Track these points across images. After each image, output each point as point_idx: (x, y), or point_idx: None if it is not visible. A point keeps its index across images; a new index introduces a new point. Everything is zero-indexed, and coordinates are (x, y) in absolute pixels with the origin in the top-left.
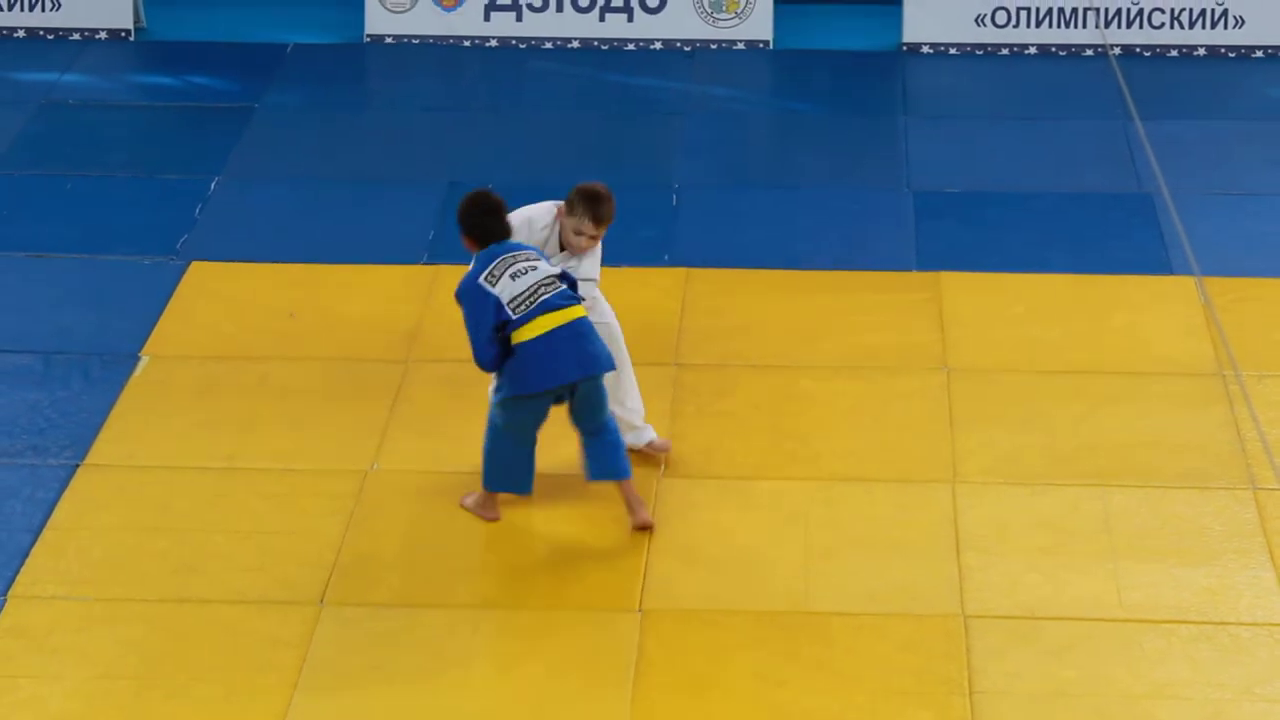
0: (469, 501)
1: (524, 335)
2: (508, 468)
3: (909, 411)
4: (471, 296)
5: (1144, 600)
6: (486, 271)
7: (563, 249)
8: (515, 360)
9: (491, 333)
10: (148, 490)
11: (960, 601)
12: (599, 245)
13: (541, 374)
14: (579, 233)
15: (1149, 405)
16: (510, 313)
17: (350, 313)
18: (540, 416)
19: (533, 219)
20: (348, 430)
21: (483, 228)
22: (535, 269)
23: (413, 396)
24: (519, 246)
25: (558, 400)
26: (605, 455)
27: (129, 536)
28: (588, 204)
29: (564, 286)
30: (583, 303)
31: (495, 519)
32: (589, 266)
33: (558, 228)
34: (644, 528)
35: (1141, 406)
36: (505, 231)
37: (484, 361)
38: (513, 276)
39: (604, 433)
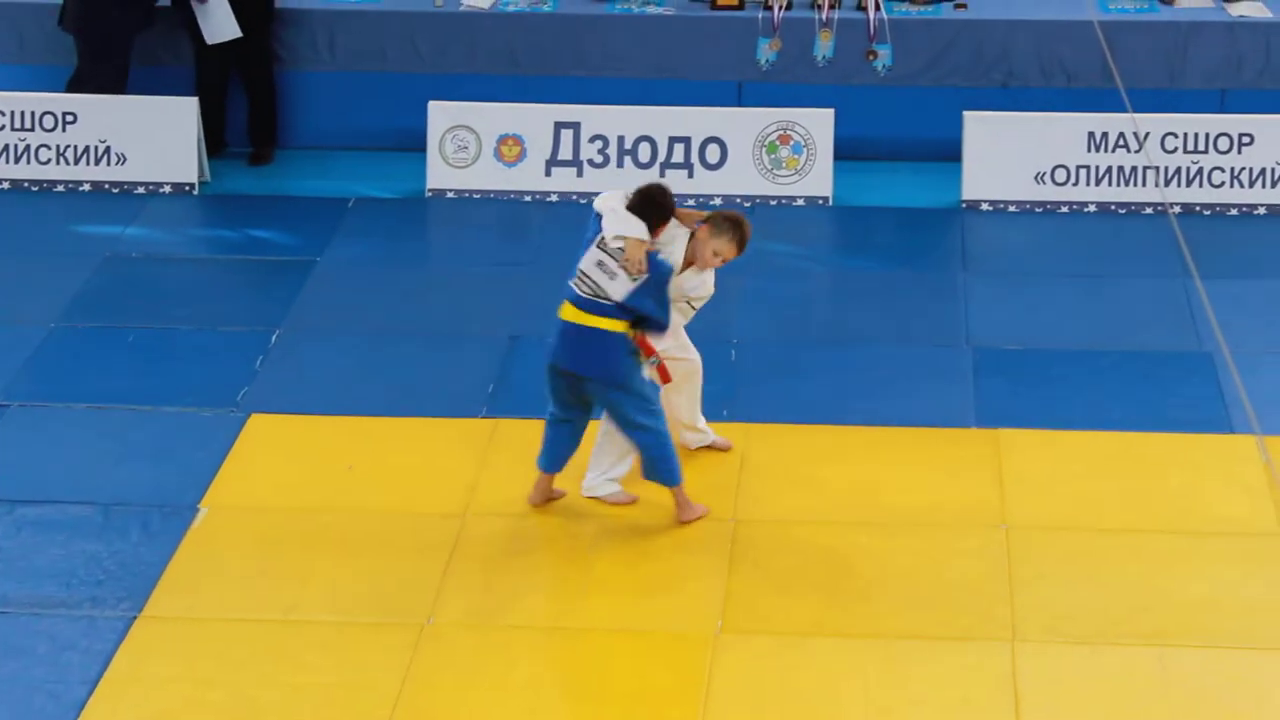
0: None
1: (558, 309)
2: (544, 439)
3: (968, 569)
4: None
5: None
6: (599, 237)
7: (686, 265)
8: None
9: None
10: (205, 642)
11: None
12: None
13: (550, 347)
14: (718, 253)
15: (1209, 565)
16: (571, 277)
17: (409, 466)
18: (553, 391)
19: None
20: (405, 583)
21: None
22: (592, 259)
23: (470, 550)
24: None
25: (570, 390)
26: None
27: (185, 688)
28: (736, 231)
29: (594, 297)
30: (622, 319)
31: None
32: (708, 283)
33: (685, 242)
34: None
35: (1202, 566)
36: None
37: None
38: (592, 259)
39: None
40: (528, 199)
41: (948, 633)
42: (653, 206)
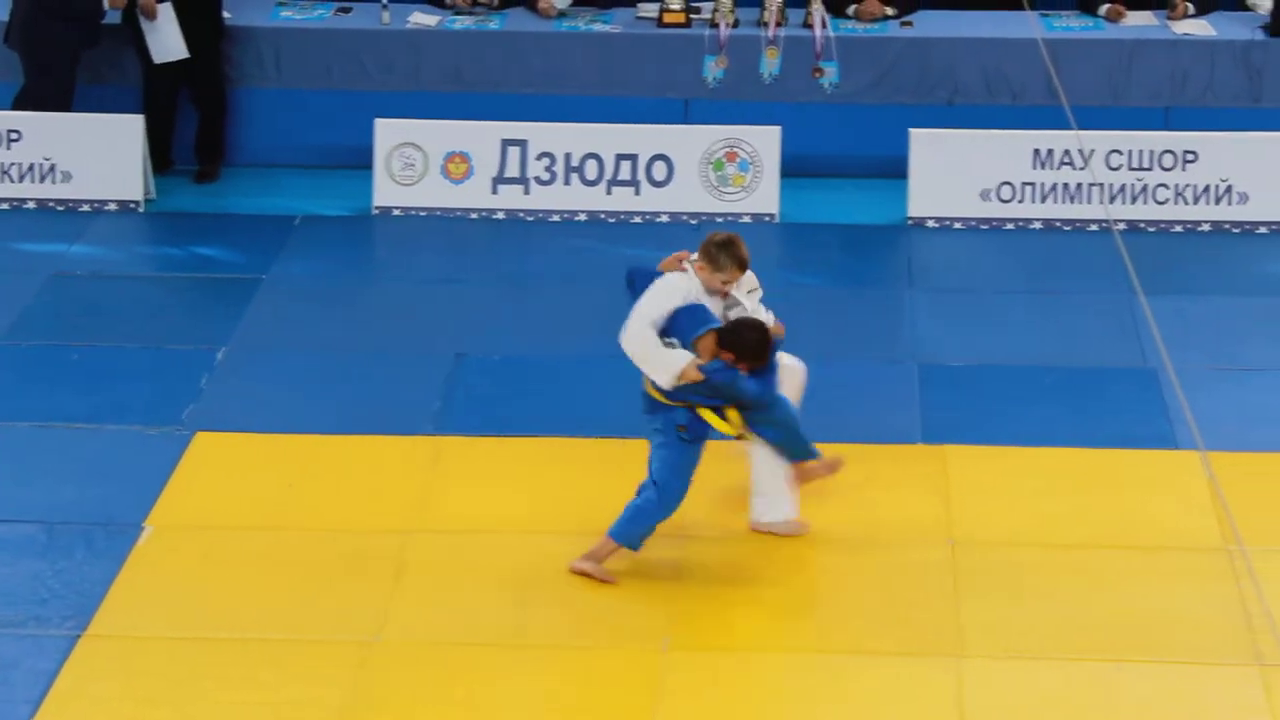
0: None
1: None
2: None
3: (914, 585)
4: None
5: None
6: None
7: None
8: None
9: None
10: (149, 661)
11: None
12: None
13: None
14: (726, 282)
15: (1154, 580)
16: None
17: (354, 484)
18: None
19: (685, 292)
20: (351, 601)
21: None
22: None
23: (416, 568)
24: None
25: None
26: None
27: (128, 707)
28: (729, 253)
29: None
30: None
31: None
32: (746, 286)
33: (698, 288)
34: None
35: (1146, 581)
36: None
37: None
38: None
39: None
40: (474, 216)
41: (894, 648)
42: (742, 345)
